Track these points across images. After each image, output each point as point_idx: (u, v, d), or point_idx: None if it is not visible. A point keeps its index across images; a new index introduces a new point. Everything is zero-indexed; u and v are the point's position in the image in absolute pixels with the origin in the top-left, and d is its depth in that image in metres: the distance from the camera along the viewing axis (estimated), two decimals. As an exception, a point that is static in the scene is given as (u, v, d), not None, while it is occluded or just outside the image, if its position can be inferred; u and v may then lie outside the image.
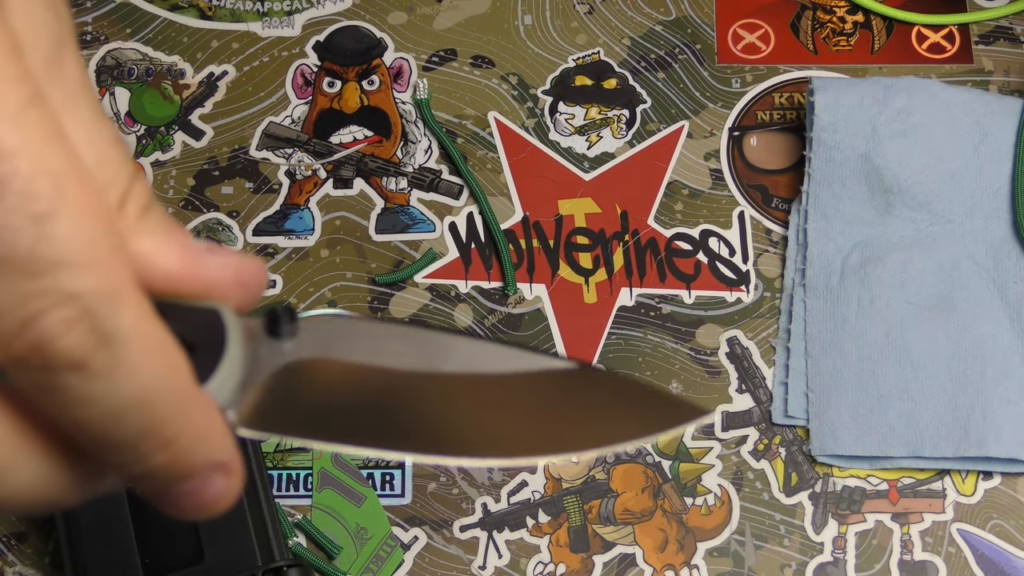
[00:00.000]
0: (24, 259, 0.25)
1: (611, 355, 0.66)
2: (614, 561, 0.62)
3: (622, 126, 0.71)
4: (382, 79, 0.72)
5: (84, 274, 0.25)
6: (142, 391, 0.27)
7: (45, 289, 0.25)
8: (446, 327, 0.66)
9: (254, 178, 0.70)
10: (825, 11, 0.74)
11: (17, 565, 0.62)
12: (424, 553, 0.62)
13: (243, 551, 0.58)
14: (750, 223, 0.68)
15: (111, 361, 0.26)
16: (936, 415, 0.63)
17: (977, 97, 0.67)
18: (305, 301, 0.67)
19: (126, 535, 0.57)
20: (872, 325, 0.64)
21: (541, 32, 0.73)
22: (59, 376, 0.26)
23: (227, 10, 0.74)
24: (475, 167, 0.70)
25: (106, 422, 0.27)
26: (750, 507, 0.63)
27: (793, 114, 0.71)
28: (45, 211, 0.25)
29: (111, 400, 0.26)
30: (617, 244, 0.68)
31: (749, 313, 0.67)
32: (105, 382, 0.26)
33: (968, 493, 0.63)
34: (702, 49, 0.72)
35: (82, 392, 0.26)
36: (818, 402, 0.64)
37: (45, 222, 0.25)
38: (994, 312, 0.64)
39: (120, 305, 0.26)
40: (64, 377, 0.26)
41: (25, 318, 0.25)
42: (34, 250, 0.25)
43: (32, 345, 0.25)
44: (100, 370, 0.26)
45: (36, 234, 0.25)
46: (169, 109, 0.71)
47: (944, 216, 0.66)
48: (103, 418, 0.27)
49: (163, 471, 0.29)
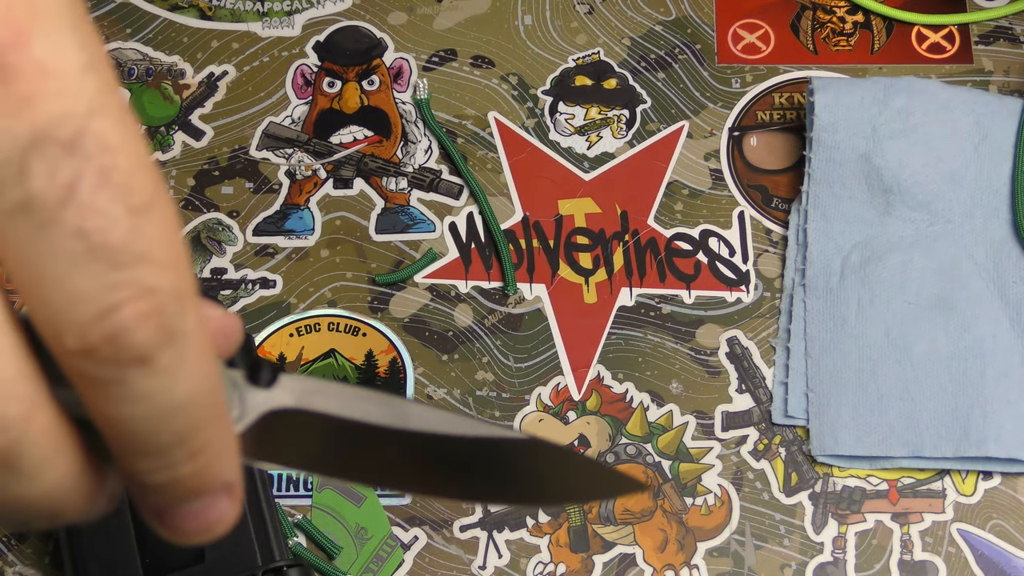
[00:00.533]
0: (115, 248, 0.25)
1: (611, 355, 0.66)
2: (614, 561, 0.62)
3: (622, 126, 0.71)
4: (382, 79, 0.72)
5: (163, 272, 0.26)
6: (191, 394, 0.28)
7: (128, 280, 0.26)
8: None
9: (254, 178, 0.70)
10: (825, 11, 0.74)
11: (17, 565, 0.62)
12: (424, 553, 0.62)
13: (243, 551, 0.58)
14: (750, 223, 0.68)
15: (174, 359, 0.27)
16: (936, 415, 0.63)
17: (977, 97, 0.67)
18: (305, 301, 0.67)
19: (126, 535, 0.57)
20: (872, 325, 0.64)
21: (541, 32, 0.73)
22: (123, 370, 0.26)
23: (227, 10, 0.74)
24: (475, 167, 0.70)
25: (152, 423, 0.27)
26: (750, 507, 0.63)
27: (793, 114, 0.71)
28: (141, 205, 0.26)
29: (163, 399, 0.27)
30: (617, 244, 0.68)
31: (749, 313, 0.67)
32: (163, 380, 0.27)
33: (968, 493, 0.63)
34: (702, 49, 0.72)
35: (140, 388, 0.27)
36: (818, 402, 0.64)
37: (140, 215, 0.26)
38: (994, 312, 0.64)
39: (187, 306, 0.27)
40: (128, 371, 0.26)
41: (105, 307, 0.26)
42: (126, 241, 0.26)
43: (107, 335, 0.26)
44: (162, 367, 0.27)
45: (130, 226, 0.26)
46: (169, 109, 0.71)
47: (944, 216, 0.66)
48: (150, 418, 0.27)
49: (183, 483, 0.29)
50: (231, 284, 0.68)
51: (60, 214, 0.25)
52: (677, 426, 0.64)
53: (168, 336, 0.26)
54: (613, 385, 0.65)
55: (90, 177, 0.25)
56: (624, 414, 0.65)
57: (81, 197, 0.25)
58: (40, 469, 0.27)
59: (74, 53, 0.25)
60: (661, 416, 0.65)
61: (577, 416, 0.65)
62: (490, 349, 0.66)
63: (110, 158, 0.26)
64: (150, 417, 0.27)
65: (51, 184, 0.25)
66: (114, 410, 0.27)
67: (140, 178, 0.26)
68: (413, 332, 0.66)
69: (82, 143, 0.25)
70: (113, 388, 0.27)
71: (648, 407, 0.65)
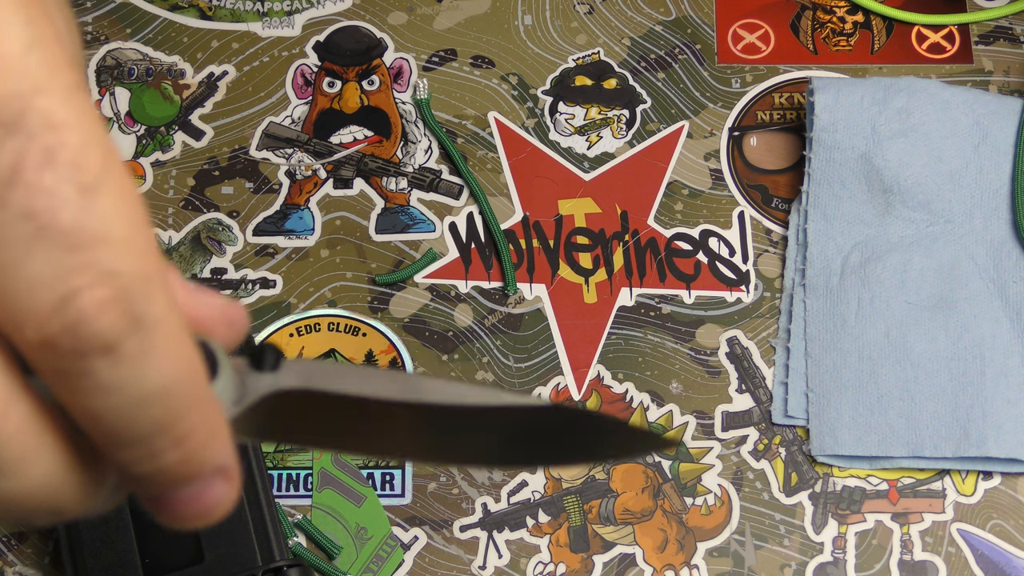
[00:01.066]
0: (68, 229, 0.25)
1: (611, 355, 0.66)
2: (614, 561, 0.62)
3: (622, 126, 0.71)
4: (382, 79, 0.72)
5: (123, 253, 0.25)
6: (165, 381, 0.27)
7: (84, 264, 0.25)
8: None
9: (254, 178, 0.70)
10: (825, 11, 0.74)
11: (17, 565, 0.62)
12: (424, 553, 0.62)
13: (243, 551, 0.58)
14: (750, 223, 0.68)
15: (141, 347, 0.26)
16: (936, 415, 0.63)
17: (977, 97, 0.67)
18: (305, 301, 0.67)
19: (126, 535, 0.57)
20: (872, 325, 0.64)
21: (541, 32, 0.73)
22: (88, 361, 0.25)
23: (227, 10, 0.74)
24: (475, 167, 0.70)
25: (126, 413, 0.27)
26: (750, 507, 0.63)
27: (793, 114, 0.71)
28: (92, 182, 0.25)
29: (134, 389, 0.26)
30: (617, 244, 0.68)
31: (749, 313, 0.67)
32: (132, 369, 0.26)
33: (968, 493, 0.63)
34: (702, 49, 0.72)
35: (108, 379, 0.26)
36: (818, 402, 0.64)
37: (91, 194, 0.25)
38: (994, 312, 0.64)
39: (153, 290, 0.26)
40: (93, 362, 0.25)
41: (63, 294, 0.25)
42: (78, 221, 0.25)
43: (67, 326, 0.25)
44: (129, 356, 0.26)
45: (81, 205, 0.25)
46: (169, 109, 0.71)
47: (944, 216, 0.66)
48: (124, 408, 0.26)
49: (171, 470, 0.28)
50: (231, 284, 0.68)
51: (5, 196, 0.24)
52: (677, 426, 0.64)
53: (134, 322, 0.26)
54: (613, 385, 0.65)
55: (35, 155, 0.25)
56: (624, 414, 0.65)
57: (26, 176, 0.24)
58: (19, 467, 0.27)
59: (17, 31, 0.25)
60: (661, 416, 0.65)
61: (577, 416, 0.65)
62: (490, 349, 0.66)
63: (56, 136, 0.25)
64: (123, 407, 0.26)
65: None
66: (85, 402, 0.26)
67: (91, 155, 0.25)
68: (413, 332, 0.66)
69: (24, 122, 0.24)
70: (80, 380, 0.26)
71: (648, 407, 0.65)
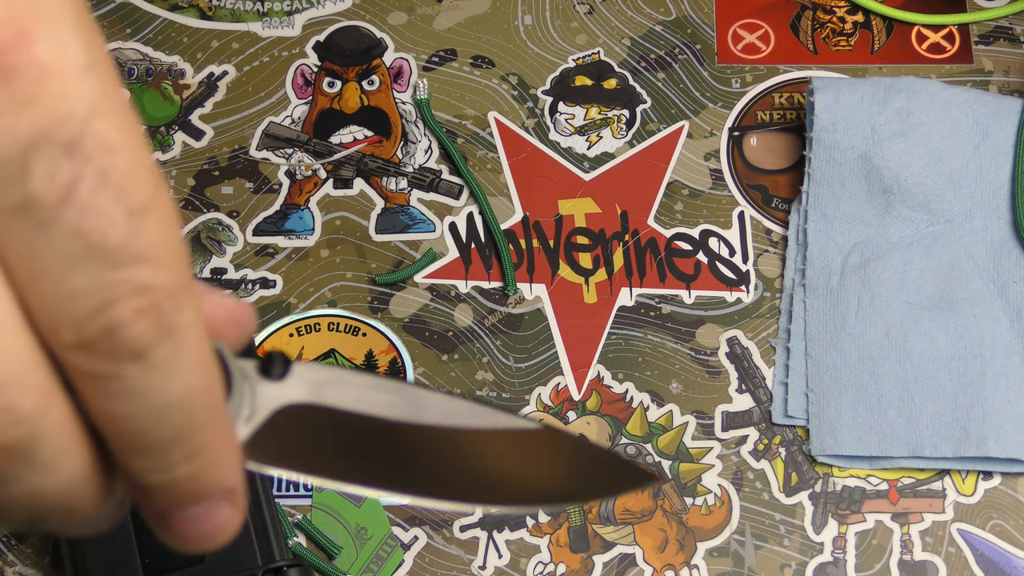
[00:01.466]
0: (113, 249, 0.26)
1: (611, 355, 0.66)
2: (614, 561, 0.62)
3: (622, 126, 0.71)
4: (382, 79, 0.72)
5: (160, 271, 0.27)
6: (187, 391, 0.28)
7: (124, 279, 0.26)
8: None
9: (254, 178, 0.70)
10: (825, 11, 0.74)
11: (17, 565, 0.62)
12: (424, 553, 0.62)
13: (243, 551, 0.58)
14: (750, 223, 0.68)
15: (169, 355, 0.27)
16: (936, 415, 0.63)
17: (977, 97, 0.67)
18: (305, 301, 0.67)
19: (126, 535, 0.57)
20: (872, 325, 0.64)
21: (541, 32, 0.73)
22: (119, 364, 0.27)
23: (227, 10, 0.74)
24: (475, 167, 0.70)
25: (148, 419, 0.28)
26: (750, 507, 0.63)
27: (793, 114, 0.71)
28: (140, 206, 0.26)
29: (159, 395, 0.27)
30: (617, 244, 0.68)
31: (749, 313, 0.67)
32: (159, 375, 0.27)
33: (968, 493, 0.63)
34: (702, 49, 0.72)
35: (135, 384, 0.27)
36: (818, 402, 0.64)
37: (139, 217, 0.26)
38: (994, 312, 0.64)
39: (184, 303, 0.27)
40: (124, 365, 0.27)
41: (101, 303, 0.26)
42: (125, 242, 0.26)
43: (103, 329, 0.26)
44: (158, 362, 0.27)
45: (128, 228, 0.26)
46: (169, 109, 0.71)
47: (944, 216, 0.66)
48: (147, 414, 0.28)
49: (181, 484, 0.29)
50: (231, 284, 0.68)
51: (59, 214, 0.25)
52: (677, 426, 0.64)
53: (164, 331, 0.27)
54: (613, 385, 0.65)
55: (89, 178, 0.25)
56: (624, 414, 0.65)
57: (80, 198, 0.25)
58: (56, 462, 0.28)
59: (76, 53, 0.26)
60: (661, 416, 0.65)
61: (577, 416, 0.65)
62: (490, 349, 0.66)
63: (109, 159, 0.26)
64: (147, 413, 0.27)
65: (51, 185, 0.25)
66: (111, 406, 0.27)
67: (139, 179, 0.26)
68: (413, 332, 0.66)
69: (82, 144, 0.25)
70: (109, 383, 0.27)
71: (648, 407, 0.65)
